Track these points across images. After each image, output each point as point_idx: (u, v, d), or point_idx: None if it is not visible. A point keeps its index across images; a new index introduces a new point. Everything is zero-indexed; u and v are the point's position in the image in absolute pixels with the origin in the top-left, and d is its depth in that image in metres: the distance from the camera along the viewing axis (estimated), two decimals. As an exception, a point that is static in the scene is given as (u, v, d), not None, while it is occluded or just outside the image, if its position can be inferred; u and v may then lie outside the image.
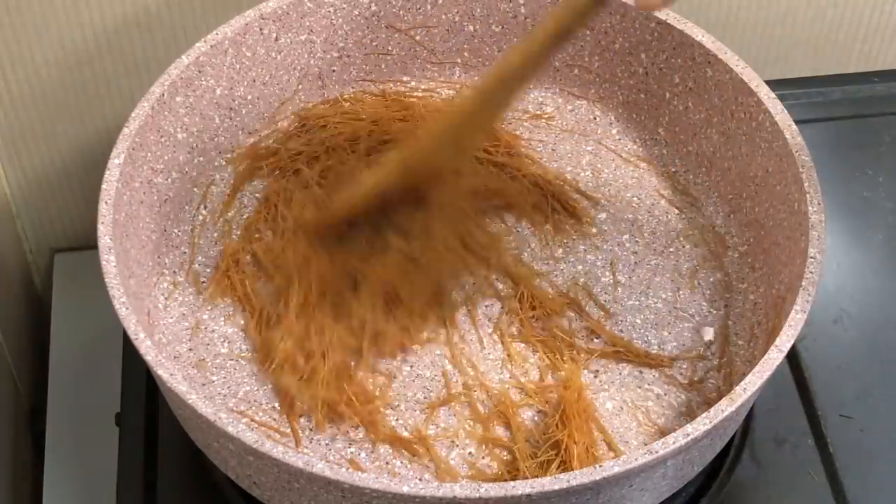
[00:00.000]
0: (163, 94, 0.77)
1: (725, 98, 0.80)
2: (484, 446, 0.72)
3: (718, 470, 0.76)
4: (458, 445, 0.72)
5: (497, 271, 0.78)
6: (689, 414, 0.73)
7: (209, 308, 0.77)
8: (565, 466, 0.69)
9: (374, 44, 0.86)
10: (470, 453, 0.71)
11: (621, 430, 0.73)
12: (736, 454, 0.76)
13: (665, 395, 0.74)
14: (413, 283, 0.76)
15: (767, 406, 0.78)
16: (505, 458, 0.71)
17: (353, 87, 0.87)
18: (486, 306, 0.77)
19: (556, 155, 0.85)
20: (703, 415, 0.65)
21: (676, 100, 0.83)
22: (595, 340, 0.76)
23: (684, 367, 0.75)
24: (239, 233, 0.80)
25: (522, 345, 0.76)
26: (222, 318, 0.77)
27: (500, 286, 0.78)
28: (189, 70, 0.79)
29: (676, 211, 0.83)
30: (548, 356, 0.75)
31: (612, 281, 0.79)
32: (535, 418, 0.73)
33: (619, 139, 0.86)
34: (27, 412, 0.95)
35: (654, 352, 0.76)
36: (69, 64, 0.88)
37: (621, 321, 0.77)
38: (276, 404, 0.73)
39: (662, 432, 0.72)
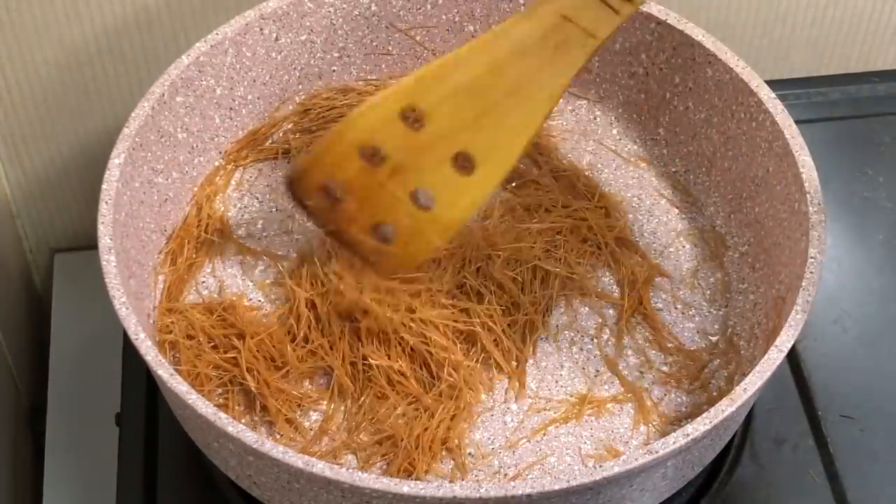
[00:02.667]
0: (163, 94, 0.77)
1: (725, 98, 0.80)
2: None
3: (719, 470, 0.76)
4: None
5: None
6: (689, 414, 0.73)
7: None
8: None
9: (374, 44, 0.86)
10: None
11: (621, 430, 0.73)
12: (736, 454, 0.76)
13: (665, 394, 0.74)
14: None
15: (767, 406, 0.78)
16: None
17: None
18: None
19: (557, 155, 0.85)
20: (703, 415, 0.65)
21: (676, 100, 0.83)
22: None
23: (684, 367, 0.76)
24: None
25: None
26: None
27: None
28: (189, 70, 0.79)
29: (676, 211, 0.83)
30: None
31: (612, 281, 0.79)
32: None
33: (619, 139, 0.86)
34: (27, 412, 0.95)
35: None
36: (69, 64, 0.88)
37: (621, 321, 0.77)
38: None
39: (663, 432, 0.72)
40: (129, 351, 0.79)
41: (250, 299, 0.78)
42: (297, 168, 0.71)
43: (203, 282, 0.79)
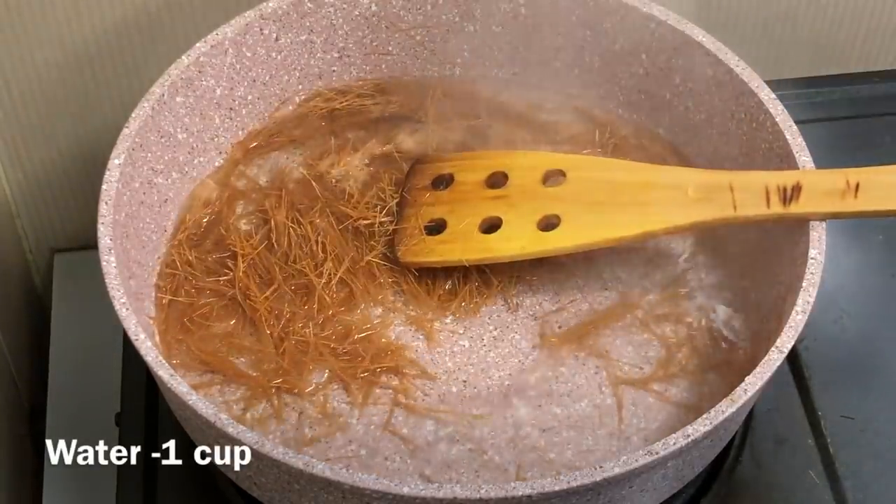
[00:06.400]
0: (163, 94, 0.77)
1: (726, 98, 0.80)
2: None
3: (719, 470, 0.76)
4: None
5: None
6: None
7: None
8: None
9: (374, 44, 0.86)
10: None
11: (621, 429, 0.73)
12: (736, 455, 0.76)
13: (666, 394, 0.75)
14: None
15: (768, 406, 0.78)
16: None
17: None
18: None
19: (557, 155, 0.85)
20: (704, 416, 0.65)
21: (677, 100, 0.83)
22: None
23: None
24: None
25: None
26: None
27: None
28: (189, 70, 0.79)
29: (677, 211, 0.83)
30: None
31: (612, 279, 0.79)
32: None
33: (619, 139, 0.86)
34: (27, 412, 0.95)
35: None
36: (69, 64, 0.88)
37: (621, 321, 0.77)
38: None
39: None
40: (129, 351, 0.79)
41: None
42: (433, 155, 0.83)
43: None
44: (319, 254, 0.78)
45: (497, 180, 0.80)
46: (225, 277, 0.78)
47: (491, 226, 0.78)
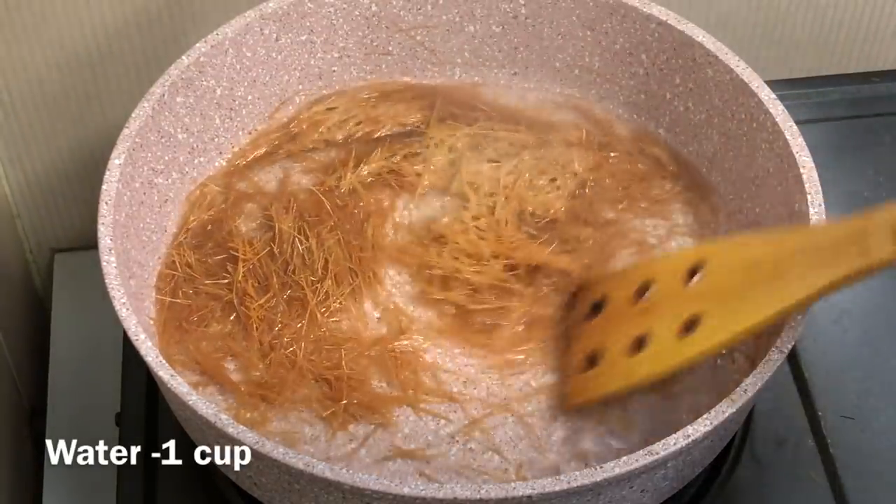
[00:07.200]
0: (163, 95, 0.77)
1: (726, 99, 0.80)
2: None
3: (719, 471, 0.76)
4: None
5: None
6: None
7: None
8: None
9: (374, 44, 0.86)
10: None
11: (621, 429, 0.73)
12: (736, 455, 0.76)
13: (666, 394, 0.74)
14: None
15: (768, 406, 0.78)
16: None
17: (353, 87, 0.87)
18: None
19: (557, 155, 0.85)
20: (704, 416, 0.65)
21: (677, 100, 0.83)
22: None
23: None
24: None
25: None
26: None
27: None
28: (189, 70, 0.79)
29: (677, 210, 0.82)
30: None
31: (612, 281, 0.79)
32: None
33: (619, 139, 0.86)
34: (27, 412, 0.95)
35: None
36: (69, 64, 0.88)
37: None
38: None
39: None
40: (129, 351, 0.79)
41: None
42: (591, 278, 0.78)
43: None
44: (320, 271, 0.78)
45: (646, 289, 0.74)
46: (224, 281, 0.78)
47: (642, 341, 0.72)
